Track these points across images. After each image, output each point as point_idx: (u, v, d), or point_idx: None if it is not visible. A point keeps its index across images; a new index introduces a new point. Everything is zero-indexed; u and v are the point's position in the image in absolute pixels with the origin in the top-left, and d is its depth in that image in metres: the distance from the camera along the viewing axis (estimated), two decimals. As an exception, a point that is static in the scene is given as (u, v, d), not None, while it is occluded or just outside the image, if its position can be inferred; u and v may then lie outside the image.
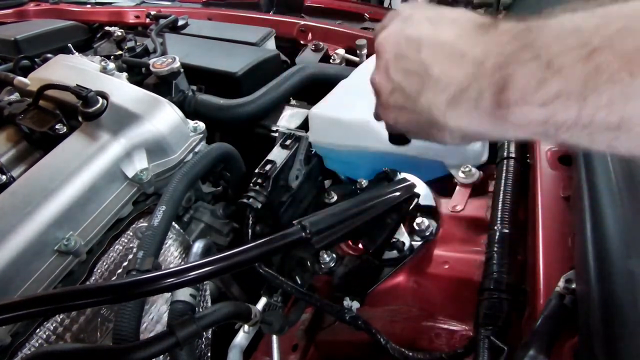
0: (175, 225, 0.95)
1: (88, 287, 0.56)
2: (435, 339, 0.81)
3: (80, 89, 0.93)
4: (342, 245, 0.88)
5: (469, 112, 0.36)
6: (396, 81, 0.41)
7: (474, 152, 0.84)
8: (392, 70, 0.41)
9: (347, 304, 0.78)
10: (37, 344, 0.75)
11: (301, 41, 1.63)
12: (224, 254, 0.53)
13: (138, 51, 1.43)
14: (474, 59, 0.35)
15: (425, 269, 0.84)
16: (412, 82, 0.39)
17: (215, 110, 1.19)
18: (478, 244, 0.82)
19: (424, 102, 0.38)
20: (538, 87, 0.30)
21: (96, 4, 2.17)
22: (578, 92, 0.28)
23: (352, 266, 0.85)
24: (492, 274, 0.69)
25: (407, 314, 0.86)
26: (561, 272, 0.56)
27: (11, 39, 1.63)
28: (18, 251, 0.75)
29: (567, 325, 0.50)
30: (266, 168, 0.87)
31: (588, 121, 0.29)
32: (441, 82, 0.37)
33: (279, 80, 1.25)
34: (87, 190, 0.86)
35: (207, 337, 0.89)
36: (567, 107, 0.29)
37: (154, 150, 0.96)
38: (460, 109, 0.36)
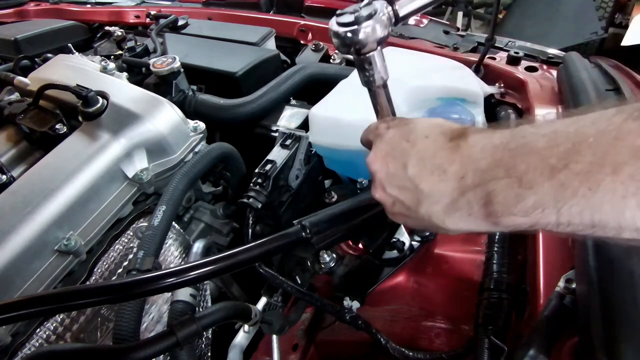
0: (175, 225, 0.95)
1: (88, 287, 0.56)
2: (435, 339, 0.81)
3: (80, 88, 0.93)
4: (342, 245, 0.88)
5: (464, 219, 0.40)
6: (393, 195, 0.46)
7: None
8: (387, 187, 0.46)
9: (347, 304, 0.78)
10: (37, 344, 0.75)
11: (301, 41, 1.63)
12: (224, 254, 0.53)
13: (138, 51, 1.43)
14: (455, 174, 0.40)
15: (425, 269, 0.84)
16: (408, 196, 0.44)
17: (216, 110, 1.19)
18: (478, 244, 0.82)
19: (422, 212, 0.43)
20: (517, 201, 0.35)
21: (96, 4, 2.17)
22: (551, 205, 0.33)
23: (352, 266, 0.85)
24: (492, 274, 0.69)
25: (407, 314, 0.86)
26: (561, 272, 0.56)
27: (11, 38, 1.63)
28: (18, 251, 0.75)
29: (567, 325, 0.50)
30: (266, 168, 0.87)
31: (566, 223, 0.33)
32: (432, 195, 0.41)
33: (279, 80, 1.25)
34: (87, 190, 0.86)
35: (207, 336, 0.89)
36: (546, 216, 0.33)
37: (154, 150, 0.96)
38: (456, 216, 0.40)
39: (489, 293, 0.68)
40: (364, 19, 0.47)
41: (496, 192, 0.36)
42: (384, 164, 0.46)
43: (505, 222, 0.36)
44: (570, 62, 1.07)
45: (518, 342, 0.51)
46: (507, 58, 1.24)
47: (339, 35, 0.48)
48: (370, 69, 0.53)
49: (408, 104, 0.96)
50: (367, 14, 0.48)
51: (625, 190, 0.29)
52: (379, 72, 0.54)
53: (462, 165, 0.39)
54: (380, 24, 0.48)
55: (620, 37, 3.44)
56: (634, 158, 0.29)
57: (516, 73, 1.16)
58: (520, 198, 0.34)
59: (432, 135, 0.44)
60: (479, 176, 0.37)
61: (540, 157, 0.33)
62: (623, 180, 0.29)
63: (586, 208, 0.31)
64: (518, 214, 0.35)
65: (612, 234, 0.32)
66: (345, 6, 0.49)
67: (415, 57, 1.15)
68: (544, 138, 0.34)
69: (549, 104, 1.01)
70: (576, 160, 0.31)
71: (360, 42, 0.48)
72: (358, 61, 0.53)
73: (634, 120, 0.30)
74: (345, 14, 0.48)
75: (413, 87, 0.98)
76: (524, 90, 1.10)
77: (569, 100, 0.91)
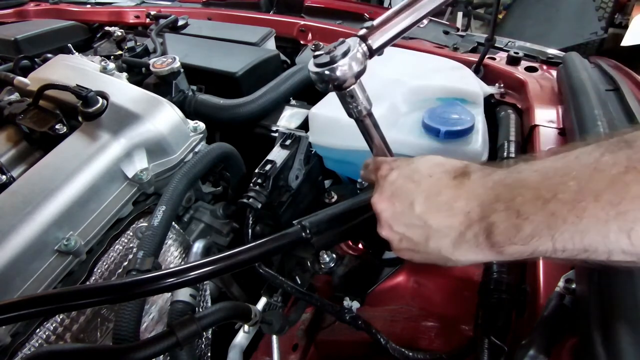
0: (175, 225, 0.95)
1: (88, 287, 0.56)
2: (435, 339, 0.81)
3: (80, 89, 0.93)
4: (342, 245, 0.88)
5: (471, 250, 0.43)
6: (401, 232, 0.49)
7: (474, 152, 0.84)
8: (394, 225, 0.49)
9: (347, 304, 0.78)
10: (37, 344, 0.75)
11: (301, 41, 1.63)
12: (224, 254, 0.53)
13: (138, 51, 1.43)
14: (461, 210, 0.43)
15: (425, 269, 0.84)
16: (416, 233, 0.47)
17: (216, 110, 1.19)
18: (478, 244, 0.82)
19: (432, 246, 0.46)
20: (516, 231, 0.38)
21: (96, 4, 2.17)
22: (546, 233, 0.36)
23: (352, 266, 0.85)
24: (492, 274, 0.69)
25: (407, 314, 0.86)
26: (561, 272, 0.56)
27: (11, 39, 1.63)
28: (18, 251, 0.75)
29: (567, 325, 0.50)
30: (266, 168, 0.87)
31: (562, 249, 0.36)
32: (441, 230, 0.45)
33: (279, 80, 1.25)
34: (87, 190, 0.86)
35: (207, 337, 0.89)
36: (543, 243, 0.37)
37: (154, 150, 0.96)
38: (464, 249, 0.44)
39: (489, 293, 0.68)
40: (340, 58, 0.51)
41: (497, 224, 0.39)
42: (390, 204, 0.49)
43: (508, 251, 0.39)
44: (570, 63, 1.07)
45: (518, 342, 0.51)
46: (507, 58, 1.24)
47: (318, 74, 0.52)
48: (353, 101, 0.56)
49: (408, 104, 0.96)
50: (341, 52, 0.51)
51: (607, 215, 0.33)
52: (362, 103, 0.56)
53: (467, 201, 0.43)
54: (355, 61, 0.52)
55: (620, 37, 3.44)
56: (611, 186, 0.33)
57: (516, 73, 1.16)
58: (519, 228, 0.38)
59: (435, 174, 0.47)
60: (482, 210, 0.41)
61: (533, 190, 0.37)
62: (603, 206, 0.33)
63: (576, 234, 0.35)
64: (518, 242, 0.38)
65: (605, 257, 0.35)
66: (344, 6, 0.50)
67: (415, 57, 1.15)
68: (536, 173, 0.38)
69: (549, 104, 1.01)
70: (563, 190, 0.35)
71: (338, 79, 0.51)
72: (340, 96, 0.56)
73: (610, 153, 0.34)
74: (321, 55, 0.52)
75: (413, 87, 0.98)
76: (524, 90, 1.10)
77: (569, 101, 0.91)
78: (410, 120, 0.92)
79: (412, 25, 0.54)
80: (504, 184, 0.41)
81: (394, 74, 1.03)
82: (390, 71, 1.05)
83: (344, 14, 1.73)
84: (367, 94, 0.57)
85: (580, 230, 0.34)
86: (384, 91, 0.96)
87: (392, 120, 0.92)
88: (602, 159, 0.34)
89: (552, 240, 0.36)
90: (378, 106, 0.92)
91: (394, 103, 0.95)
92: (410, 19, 0.54)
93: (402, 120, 0.93)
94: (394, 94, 0.96)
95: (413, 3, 0.53)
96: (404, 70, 1.05)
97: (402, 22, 0.53)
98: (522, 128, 1.02)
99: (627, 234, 0.32)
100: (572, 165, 0.36)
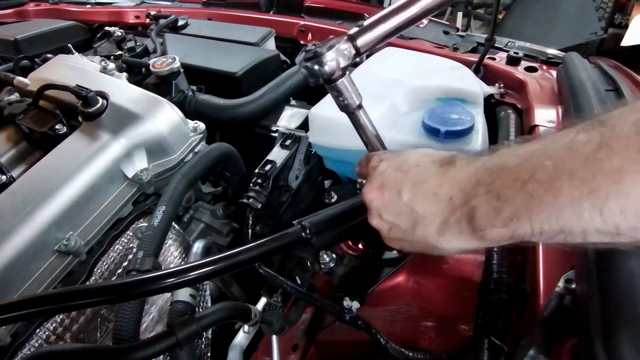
0: (175, 225, 0.95)
1: (88, 287, 0.56)
2: (435, 339, 0.81)
3: (80, 89, 0.93)
4: (342, 245, 0.88)
5: (455, 237, 0.44)
6: (390, 221, 0.50)
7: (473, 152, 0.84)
8: (384, 214, 0.50)
9: (347, 304, 0.78)
10: (37, 344, 0.75)
11: (301, 41, 1.63)
12: (224, 254, 0.53)
13: (138, 51, 1.43)
14: (444, 196, 0.44)
15: (425, 269, 0.84)
16: (404, 220, 0.48)
17: (215, 110, 1.19)
18: (478, 244, 0.82)
19: (418, 233, 0.47)
20: (496, 214, 0.39)
21: (96, 4, 2.17)
22: (524, 214, 0.37)
23: (352, 266, 0.85)
24: (492, 274, 0.69)
25: (407, 314, 0.86)
26: (561, 272, 0.56)
27: (11, 39, 1.63)
28: (18, 251, 0.75)
29: (567, 325, 0.50)
30: (266, 168, 0.87)
31: (539, 231, 0.37)
32: (427, 217, 0.45)
33: (279, 80, 1.25)
34: (87, 190, 0.86)
35: (207, 337, 0.89)
36: (521, 225, 0.37)
37: (154, 150, 0.96)
38: (449, 235, 0.44)
39: (489, 293, 0.68)
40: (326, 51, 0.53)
41: (478, 208, 0.40)
42: (380, 193, 0.50)
43: (489, 236, 0.40)
44: (570, 63, 1.07)
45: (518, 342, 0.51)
46: (507, 58, 1.24)
47: (306, 67, 0.55)
48: (341, 94, 0.58)
49: (408, 104, 0.96)
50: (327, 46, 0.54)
51: (580, 193, 0.33)
52: (352, 97, 0.58)
53: (450, 187, 0.44)
54: (341, 56, 0.54)
55: (620, 37, 3.44)
56: (584, 164, 0.33)
57: (516, 73, 1.16)
58: (498, 210, 0.38)
59: (422, 164, 0.48)
60: (464, 195, 0.42)
61: (513, 172, 0.38)
62: (577, 184, 0.33)
63: (552, 214, 0.35)
64: (498, 225, 0.39)
65: (580, 238, 0.35)
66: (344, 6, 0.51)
67: (415, 57, 1.15)
68: (515, 156, 0.39)
69: (549, 104, 1.01)
70: (540, 171, 0.36)
71: (325, 72, 0.54)
72: (330, 89, 0.58)
73: (584, 132, 0.35)
74: (309, 50, 0.55)
75: (413, 87, 0.98)
76: (524, 90, 1.10)
77: (569, 101, 0.91)
78: (410, 121, 0.92)
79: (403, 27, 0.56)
80: (485, 168, 0.41)
81: (394, 74, 1.03)
82: (390, 71, 1.05)
83: (344, 14, 1.73)
84: (356, 87, 0.59)
85: (555, 210, 0.35)
86: (384, 91, 0.96)
87: (392, 120, 0.92)
88: (577, 138, 0.35)
89: (530, 222, 0.36)
90: (378, 106, 0.92)
91: (394, 103, 0.95)
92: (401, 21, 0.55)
93: (402, 120, 0.93)
94: (394, 94, 0.96)
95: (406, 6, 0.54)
96: (404, 70, 1.05)
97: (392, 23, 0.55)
98: (522, 128, 1.02)
99: (599, 211, 0.33)
100: (549, 146, 0.37)
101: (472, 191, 0.41)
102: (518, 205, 0.37)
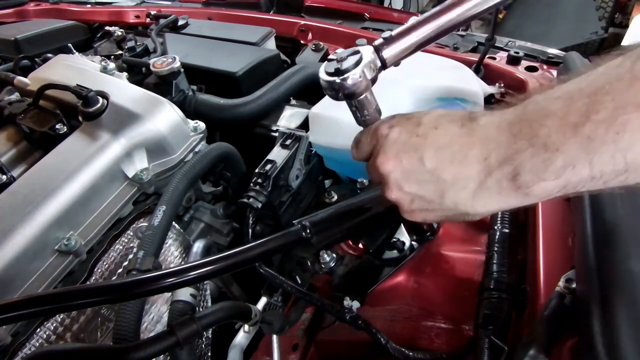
0: (175, 225, 0.95)
1: (88, 287, 0.56)
2: (435, 339, 0.81)
3: (80, 88, 0.93)
4: (342, 245, 0.88)
5: (493, 198, 0.40)
6: (412, 192, 0.45)
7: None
8: (404, 185, 0.45)
9: (347, 303, 0.78)
10: (37, 344, 0.75)
11: (301, 41, 1.63)
12: (225, 254, 0.53)
13: (138, 51, 1.43)
14: (477, 157, 0.40)
15: (425, 269, 0.84)
16: (429, 190, 0.43)
17: (216, 110, 1.19)
18: (478, 244, 0.82)
19: (448, 202, 0.43)
20: (546, 166, 0.35)
21: (96, 4, 2.17)
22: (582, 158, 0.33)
23: (352, 266, 0.85)
24: (492, 274, 0.69)
25: (407, 314, 0.86)
26: (561, 272, 0.56)
27: (11, 38, 1.62)
28: (18, 251, 0.75)
29: (567, 325, 0.50)
30: (266, 168, 0.87)
31: (599, 174, 0.34)
32: (458, 183, 0.41)
33: (279, 80, 1.25)
34: (87, 190, 0.86)
35: (207, 336, 0.89)
36: (578, 172, 0.34)
37: (154, 150, 0.96)
38: (485, 198, 0.41)
39: (489, 293, 0.68)
40: (352, 67, 0.48)
41: (523, 164, 0.36)
42: (398, 162, 0.45)
43: (536, 191, 0.37)
44: (570, 62, 1.06)
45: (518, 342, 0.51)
46: (507, 58, 1.24)
47: (328, 82, 0.50)
48: (362, 110, 0.53)
49: (408, 103, 0.96)
50: (354, 61, 0.49)
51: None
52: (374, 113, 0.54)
53: (482, 146, 0.39)
54: (367, 70, 0.49)
55: (620, 37, 3.44)
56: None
57: (516, 73, 1.16)
58: (549, 162, 0.35)
59: (441, 125, 0.43)
60: (503, 153, 0.38)
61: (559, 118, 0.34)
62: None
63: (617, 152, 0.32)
64: (549, 178, 0.35)
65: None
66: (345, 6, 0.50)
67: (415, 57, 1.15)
68: (558, 100, 0.35)
69: (549, 103, 1.01)
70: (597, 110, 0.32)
71: (349, 88, 0.49)
72: (350, 105, 0.53)
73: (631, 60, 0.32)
74: (332, 61, 0.50)
75: (413, 87, 0.98)
76: (524, 90, 1.10)
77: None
78: (411, 120, 0.92)
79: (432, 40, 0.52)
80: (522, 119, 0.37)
81: (394, 74, 1.02)
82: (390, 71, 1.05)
83: (344, 13, 1.73)
84: (378, 103, 0.55)
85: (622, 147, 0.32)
86: (384, 91, 0.96)
87: (392, 120, 0.92)
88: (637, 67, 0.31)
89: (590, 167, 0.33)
90: (378, 106, 0.92)
91: (394, 103, 0.95)
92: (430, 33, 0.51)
93: (402, 120, 0.93)
94: (394, 94, 0.96)
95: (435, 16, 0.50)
96: (404, 70, 1.05)
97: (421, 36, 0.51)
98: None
99: None
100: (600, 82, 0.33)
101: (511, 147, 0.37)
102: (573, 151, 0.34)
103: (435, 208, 0.45)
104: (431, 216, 0.47)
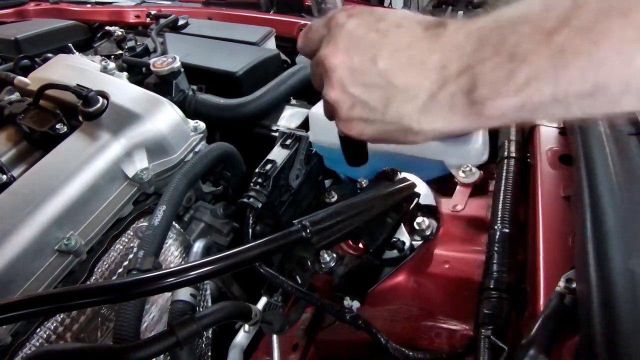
0: (175, 224, 0.95)
1: (88, 287, 0.56)
2: (436, 339, 0.81)
3: (80, 88, 0.93)
4: (342, 245, 0.88)
5: (443, 115, 0.36)
6: (356, 95, 0.39)
7: (474, 151, 0.83)
8: (348, 85, 0.40)
9: (347, 303, 0.78)
10: (37, 344, 0.75)
11: (301, 40, 1.63)
12: (225, 254, 0.53)
13: (138, 51, 1.43)
14: (435, 64, 0.35)
15: (426, 269, 0.84)
16: (374, 95, 0.38)
17: (216, 110, 1.19)
18: (478, 244, 0.82)
19: (392, 112, 0.38)
20: (508, 79, 0.31)
21: (96, 4, 2.17)
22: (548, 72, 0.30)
23: (353, 266, 0.85)
24: (492, 274, 0.69)
25: (407, 314, 0.86)
26: (561, 272, 0.56)
27: (11, 38, 1.63)
28: (19, 251, 0.75)
29: (567, 325, 0.50)
30: (266, 168, 0.87)
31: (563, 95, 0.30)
32: (408, 91, 0.36)
33: (279, 80, 1.25)
34: (87, 189, 0.86)
35: (207, 336, 0.89)
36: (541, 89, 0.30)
37: (154, 150, 0.96)
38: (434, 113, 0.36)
39: (489, 293, 0.68)
40: None
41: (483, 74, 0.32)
42: (347, 57, 0.39)
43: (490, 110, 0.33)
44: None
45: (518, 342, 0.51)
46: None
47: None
48: None
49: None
50: None
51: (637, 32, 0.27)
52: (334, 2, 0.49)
53: (444, 53, 0.35)
54: None
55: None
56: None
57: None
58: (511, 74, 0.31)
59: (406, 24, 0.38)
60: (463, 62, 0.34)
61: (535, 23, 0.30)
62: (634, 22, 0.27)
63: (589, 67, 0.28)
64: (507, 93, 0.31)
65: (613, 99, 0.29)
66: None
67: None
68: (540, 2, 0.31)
69: (549, 103, 1.01)
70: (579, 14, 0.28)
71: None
72: None
73: None
74: None
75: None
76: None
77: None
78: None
79: None
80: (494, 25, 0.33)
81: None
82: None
83: (344, 13, 1.73)
84: None
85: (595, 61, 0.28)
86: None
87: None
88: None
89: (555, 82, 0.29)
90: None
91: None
92: None
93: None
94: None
95: None
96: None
97: None
98: (522, 127, 1.02)
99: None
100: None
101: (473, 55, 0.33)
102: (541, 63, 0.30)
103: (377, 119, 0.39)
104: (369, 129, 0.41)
